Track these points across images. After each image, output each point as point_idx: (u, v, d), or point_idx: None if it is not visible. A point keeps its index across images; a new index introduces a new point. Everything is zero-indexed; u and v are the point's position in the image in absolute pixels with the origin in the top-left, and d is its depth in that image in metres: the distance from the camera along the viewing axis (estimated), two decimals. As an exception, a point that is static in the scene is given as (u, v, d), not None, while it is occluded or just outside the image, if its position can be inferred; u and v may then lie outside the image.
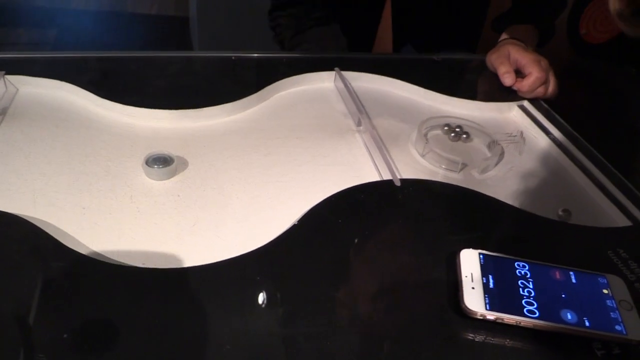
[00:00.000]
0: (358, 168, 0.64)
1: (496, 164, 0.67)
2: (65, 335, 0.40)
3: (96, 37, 2.31)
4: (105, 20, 2.50)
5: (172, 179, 0.59)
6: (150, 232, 0.52)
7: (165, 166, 0.59)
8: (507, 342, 0.44)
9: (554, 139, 0.72)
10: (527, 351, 0.43)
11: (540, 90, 0.79)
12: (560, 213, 0.59)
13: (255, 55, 0.83)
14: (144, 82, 0.75)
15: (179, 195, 0.57)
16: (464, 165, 0.65)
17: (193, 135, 0.67)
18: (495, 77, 0.83)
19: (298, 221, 0.52)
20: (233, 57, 0.82)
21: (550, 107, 0.79)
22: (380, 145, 0.66)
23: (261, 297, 0.45)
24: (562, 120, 0.75)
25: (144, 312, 0.43)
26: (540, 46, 0.90)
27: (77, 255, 0.47)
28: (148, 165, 0.58)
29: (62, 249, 0.47)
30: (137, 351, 0.40)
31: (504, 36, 0.88)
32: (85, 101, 0.71)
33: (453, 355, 0.42)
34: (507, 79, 0.81)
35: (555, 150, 0.71)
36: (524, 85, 0.79)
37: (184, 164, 0.62)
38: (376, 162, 0.64)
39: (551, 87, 0.81)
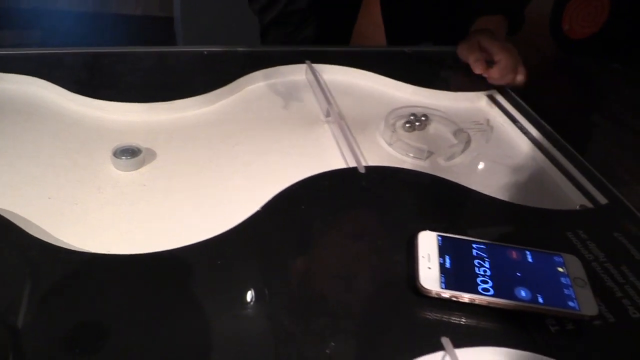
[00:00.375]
0: (325, 157, 0.65)
1: (462, 152, 0.68)
2: (30, 321, 0.41)
3: (81, 38, 2.30)
4: (89, 21, 2.49)
5: (139, 169, 0.60)
6: (115, 221, 0.53)
7: (133, 157, 0.59)
8: (462, 320, 0.45)
9: (520, 127, 0.73)
10: (482, 328, 0.44)
11: (509, 77, 0.80)
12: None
13: (227, 49, 0.84)
14: (116, 77, 0.76)
15: (145, 185, 0.58)
16: (430, 153, 0.66)
17: (163, 127, 0.67)
18: (465, 68, 0.84)
19: (261, 207, 0.53)
20: (205, 52, 0.83)
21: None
22: (347, 134, 0.66)
23: (222, 281, 0.46)
24: (529, 109, 0.76)
25: (108, 297, 0.44)
26: (510, 35, 0.91)
27: (41, 243, 0.48)
28: (116, 157, 0.59)
29: (26, 236, 0.48)
30: (102, 336, 0.40)
31: (475, 27, 0.89)
32: (57, 96, 0.71)
33: (407, 331, 0.43)
34: (477, 67, 0.82)
35: (522, 137, 0.72)
36: (494, 71, 0.80)
37: (152, 155, 0.62)
38: (343, 151, 0.65)
39: (521, 74, 0.82)
